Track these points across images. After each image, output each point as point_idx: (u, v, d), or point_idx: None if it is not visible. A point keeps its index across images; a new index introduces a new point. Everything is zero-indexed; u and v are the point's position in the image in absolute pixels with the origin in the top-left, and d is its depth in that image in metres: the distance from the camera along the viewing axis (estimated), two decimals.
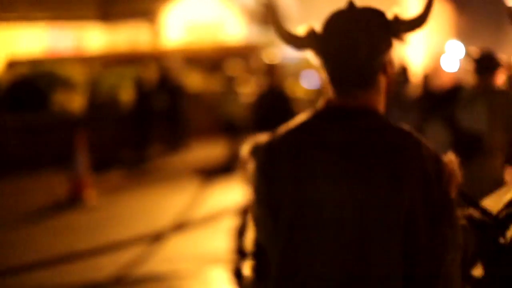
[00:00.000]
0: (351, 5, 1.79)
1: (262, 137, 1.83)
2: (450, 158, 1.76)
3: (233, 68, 13.44)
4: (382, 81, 1.79)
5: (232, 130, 12.53)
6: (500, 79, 5.67)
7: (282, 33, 1.83)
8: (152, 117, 14.24)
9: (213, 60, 17.76)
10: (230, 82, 12.80)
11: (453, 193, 1.75)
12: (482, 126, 5.16)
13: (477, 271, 1.89)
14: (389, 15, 1.80)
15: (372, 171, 1.71)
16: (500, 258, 1.90)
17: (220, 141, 14.25)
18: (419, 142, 1.74)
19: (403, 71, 8.49)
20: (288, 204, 1.75)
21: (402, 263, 1.69)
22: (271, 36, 18.26)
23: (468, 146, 5.02)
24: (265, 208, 1.79)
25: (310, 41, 1.79)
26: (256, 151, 1.81)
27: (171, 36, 21.36)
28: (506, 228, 1.93)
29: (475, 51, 5.77)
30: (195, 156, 14.17)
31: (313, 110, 1.81)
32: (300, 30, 1.81)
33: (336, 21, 1.78)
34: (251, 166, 1.82)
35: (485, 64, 5.52)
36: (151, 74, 14.82)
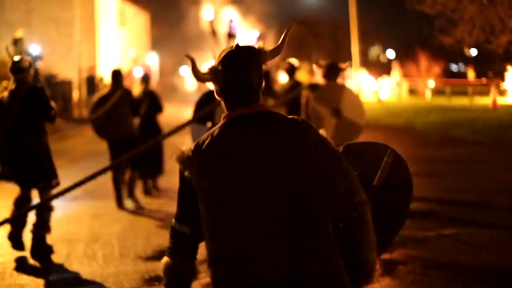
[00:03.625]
0: (237, 45, 2.52)
1: (186, 146, 2.51)
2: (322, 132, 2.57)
3: None
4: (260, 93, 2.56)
5: None
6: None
7: (197, 75, 2.56)
8: None
9: None
10: None
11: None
12: None
13: None
14: (257, 48, 2.55)
15: (290, 147, 2.42)
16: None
17: None
18: (306, 122, 2.52)
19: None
20: (221, 177, 2.41)
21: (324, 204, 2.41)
22: None
23: None
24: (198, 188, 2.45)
25: (212, 75, 2.53)
26: (183, 154, 2.48)
27: None
28: None
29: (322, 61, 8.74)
30: None
31: (221, 123, 2.51)
32: (204, 68, 2.56)
33: (230, 57, 2.50)
34: (182, 165, 2.49)
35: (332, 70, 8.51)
36: None
